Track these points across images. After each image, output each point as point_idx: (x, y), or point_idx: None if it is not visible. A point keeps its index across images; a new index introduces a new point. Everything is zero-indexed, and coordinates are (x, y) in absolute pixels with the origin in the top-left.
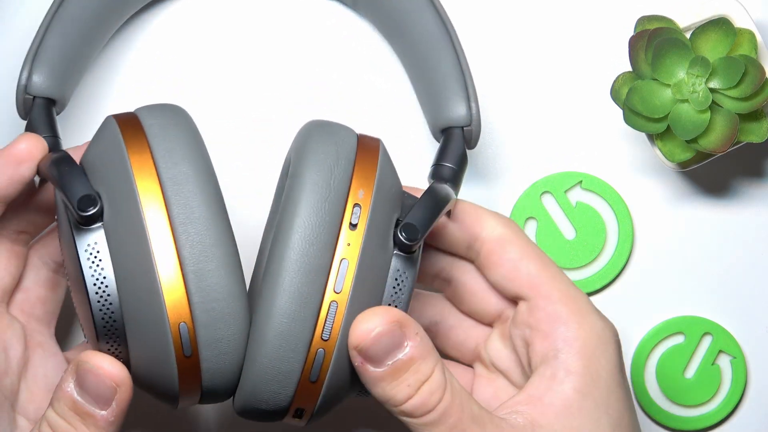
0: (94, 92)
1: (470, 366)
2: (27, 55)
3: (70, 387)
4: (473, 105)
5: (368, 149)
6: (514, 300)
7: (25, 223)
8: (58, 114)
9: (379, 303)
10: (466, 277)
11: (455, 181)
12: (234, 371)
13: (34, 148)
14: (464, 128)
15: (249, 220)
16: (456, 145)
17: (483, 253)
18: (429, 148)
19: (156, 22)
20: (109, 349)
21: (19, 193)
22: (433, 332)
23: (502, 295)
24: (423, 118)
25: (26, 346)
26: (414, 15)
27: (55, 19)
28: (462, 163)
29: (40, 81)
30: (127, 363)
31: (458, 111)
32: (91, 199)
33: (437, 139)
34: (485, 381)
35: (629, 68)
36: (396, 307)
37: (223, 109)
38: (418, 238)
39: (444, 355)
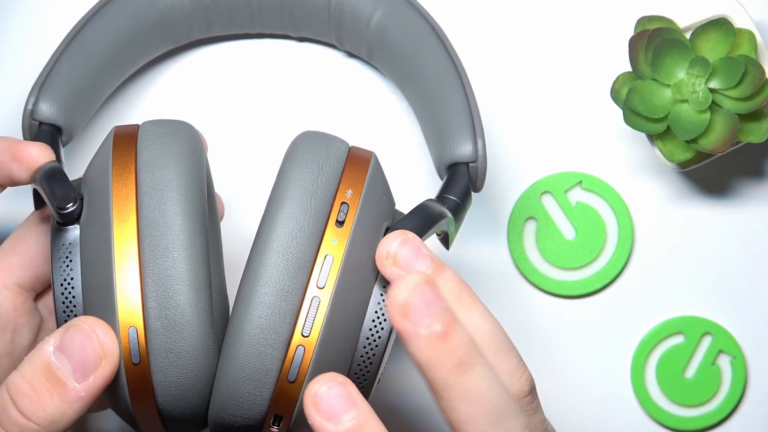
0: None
1: None
2: (36, 81)
3: (50, 350)
4: (479, 141)
5: (360, 156)
6: None
7: None
8: (64, 145)
9: (366, 303)
10: None
11: (456, 214)
12: (192, 388)
13: (36, 158)
14: (469, 165)
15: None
16: (460, 179)
17: None
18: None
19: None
20: None
21: (2, 186)
22: None
23: None
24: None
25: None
26: (427, 59)
27: (69, 49)
28: (465, 197)
29: (46, 108)
30: None
31: (464, 147)
32: (70, 197)
33: (441, 178)
34: None
35: (629, 68)
36: (385, 320)
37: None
38: None
39: None
